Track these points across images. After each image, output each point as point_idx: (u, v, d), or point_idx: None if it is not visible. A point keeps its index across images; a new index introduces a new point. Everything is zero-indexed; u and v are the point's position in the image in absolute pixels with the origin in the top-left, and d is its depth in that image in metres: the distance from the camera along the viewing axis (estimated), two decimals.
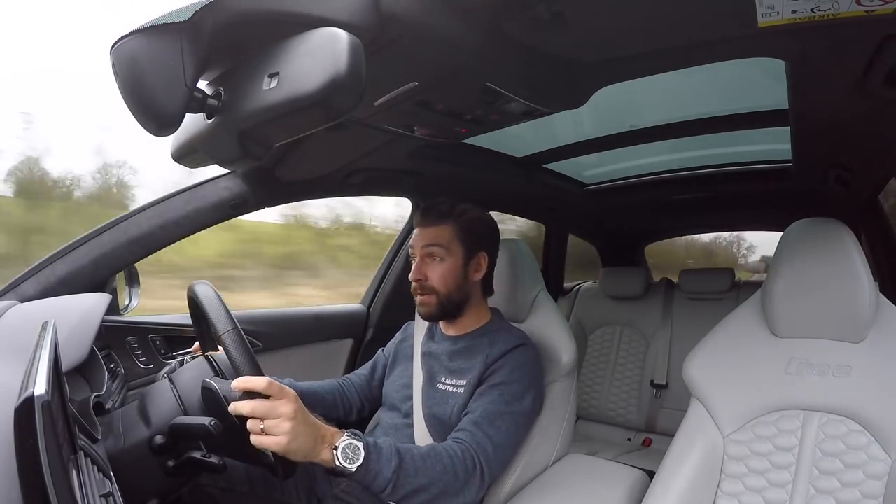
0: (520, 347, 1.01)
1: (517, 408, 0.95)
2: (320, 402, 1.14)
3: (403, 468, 0.78)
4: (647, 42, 0.74)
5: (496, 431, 0.91)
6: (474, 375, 0.99)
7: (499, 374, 0.97)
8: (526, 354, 1.01)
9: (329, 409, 1.15)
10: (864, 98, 0.83)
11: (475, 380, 0.99)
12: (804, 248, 0.88)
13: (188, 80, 0.52)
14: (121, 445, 0.74)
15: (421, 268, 1.04)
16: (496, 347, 1.01)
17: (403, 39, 0.65)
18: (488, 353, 1.00)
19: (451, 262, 1.03)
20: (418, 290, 1.05)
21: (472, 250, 1.06)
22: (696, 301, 2.19)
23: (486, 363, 0.99)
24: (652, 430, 2.11)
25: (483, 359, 1.00)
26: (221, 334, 0.75)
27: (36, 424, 0.40)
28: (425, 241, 1.05)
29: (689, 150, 1.55)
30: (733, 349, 0.94)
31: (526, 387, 0.97)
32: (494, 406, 0.93)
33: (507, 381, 0.96)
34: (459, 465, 0.85)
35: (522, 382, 0.97)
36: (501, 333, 1.05)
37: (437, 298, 1.03)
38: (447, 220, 1.05)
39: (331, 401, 1.16)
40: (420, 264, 1.05)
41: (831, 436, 0.82)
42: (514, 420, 0.94)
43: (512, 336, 1.04)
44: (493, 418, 0.91)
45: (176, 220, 1.06)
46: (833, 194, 1.47)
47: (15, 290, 0.94)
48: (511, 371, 0.97)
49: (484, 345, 1.02)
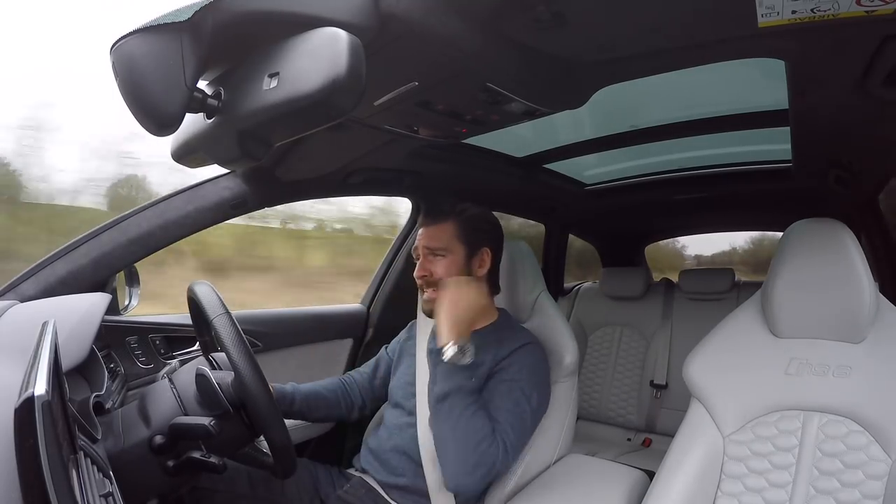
0: (528, 346, 1.02)
1: (527, 410, 0.97)
2: (323, 401, 1.14)
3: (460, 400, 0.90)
4: (647, 42, 0.74)
5: (511, 430, 0.93)
6: (484, 370, 1.00)
7: (508, 371, 0.98)
8: (534, 354, 1.02)
9: (332, 407, 1.16)
10: (864, 98, 0.83)
11: (484, 374, 1.00)
12: (804, 248, 0.88)
13: (188, 80, 0.52)
14: (121, 445, 0.74)
15: (424, 264, 1.06)
16: (504, 345, 1.01)
17: (403, 39, 0.65)
18: (497, 350, 1.01)
19: (452, 258, 1.05)
20: (424, 285, 1.06)
21: (475, 246, 1.07)
22: (696, 301, 2.18)
23: (495, 359, 1.00)
24: (652, 431, 2.10)
25: (492, 356, 1.01)
26: (212, 318, 0.76)
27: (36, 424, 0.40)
28: (427, 241, 1.06)
29: (689, 150, 1.55)
30: (733, 349, 0.94)
31: (534, 385, 0.99)
32: (507, 405, 0.95)
33: (515, 379, 0.98)
34: (487, 446, 0.88)
35: (531, 381, 0.99)
36: (509, 332, 1.06)
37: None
38: (448, 219, 1.06)
39: (333, 399, 1.16)
40: (424, 262, 1.06)
41: (831, 436, 0.82)
42: (523, 421, 0.97)
43: (520, 335, 1.05)
44: (508, 418, 0.94)
45: (176, 220, 1.06)
46: (833, 194, 1.47)
47: (15, 289, 0.94)
48: (520, 369, 0.98)
49: (492, 343, 1.03)
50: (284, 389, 1.09)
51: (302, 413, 1.11)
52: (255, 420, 0.78)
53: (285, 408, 1.07)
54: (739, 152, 1.57)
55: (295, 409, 1.09)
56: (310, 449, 1.43)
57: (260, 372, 0.77)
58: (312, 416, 1.14)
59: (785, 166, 1.45)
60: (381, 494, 1.03)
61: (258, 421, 0.78)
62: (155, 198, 1.08)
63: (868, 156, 1.19)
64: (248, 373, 0.76)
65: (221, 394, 0.77)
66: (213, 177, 1.12)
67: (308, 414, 1.12)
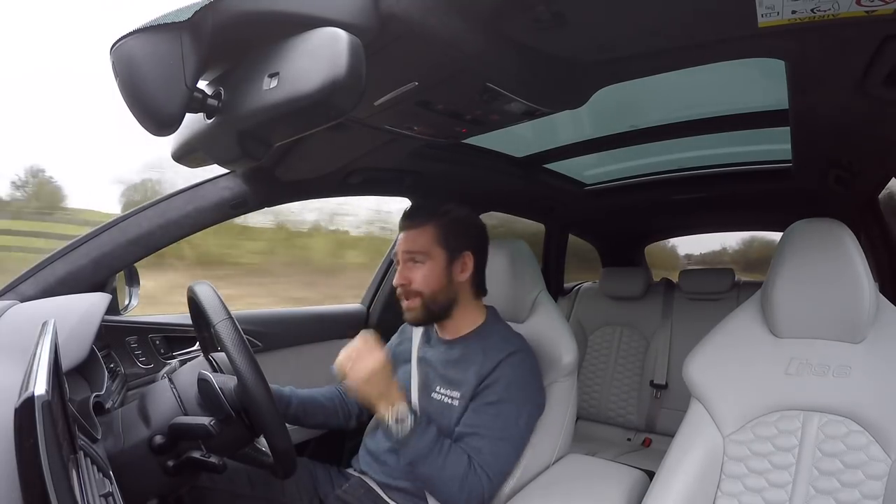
0: (514, 356, 0.99)
1: (514, 432, 0.96)
2: (320, 408, 1.14)
3: (428, 457, 0.90)
4: (647, 42, 0.74)
5: (496, 458, 0.94)
6: (468, 389, 0.98)
7: (493, 389, 0.96)
8: (521, 365, 1.00)
9: (329, 415, 1.15)
10: (864, 98, 0.83)
11: (469, 393, 0.98)
12: (804, 248, 0.88)
13: (188, 80, 0.52)
14: (121, 445, 0.74)
15: (403, 272, 1.03)
16: (489, 357, 0.99)
17: (403, 39, 0.65)
18: (481, 363, 0.99)
19: (432, 265, 1.02)
20: (403, 294, 1.04)
21: (455, 251, 1.03)
22: (695, 301, 2.19)
23: (479, 376, 0.98)
24: (652, 430, 2.11)
25: (476, 370, 0.98)
26: (215, 324, 0.76)
27: (36, 424, 0.40)
28: (406, 247, 1.03)
29: (690, 150, 1.55)
30: (733, 349, 0.94)
31: (523, 401, 0.98)
32: (493, 433, 0.94)
33: (503, 400, 0.96)
34: (468, 485, 0.90)
35: (519, 398, 0.97)
36: (495, 339, 1.03)
37: (421, 301, 1.02)
38: (427, 223, 1.03)
39: (331, 408, 1.16)
40: (403, 269, 1.03)
41: (831, 436, 0.82)
42: (512, 445, 0.97)
43: (506, 342, 1.02)
44: (493, 448, 0.94)
45: (176, 220, 1.06)
46: (833, 194, 1.46)
47: (15, 290, 0.94)
48: (506, 386, 0.96)
49: (477, 353, 1.01)
50: (282, 392, 1.08)
51: (297, 417, 1.10)
52: (258, 425, 0.79)
53: (280, 410, 1.07)
54: (739, 152, 1.57)
55: (290, 413, 1.09)
56: (309, 449, 1.43)
57: (263, 378, 0.78)
58: (308, 422, 1.13)
59: (785, 166, 1.45)
60: (380, 495, 1.03)
61: (261, 426, 0.78)
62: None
63: (868, 156, 1.19)
64: (252, 380, 0.76)
65: (224, 399, 0.77)
66: (213, 177, 1.12)
67: (303, 419, 1.11)
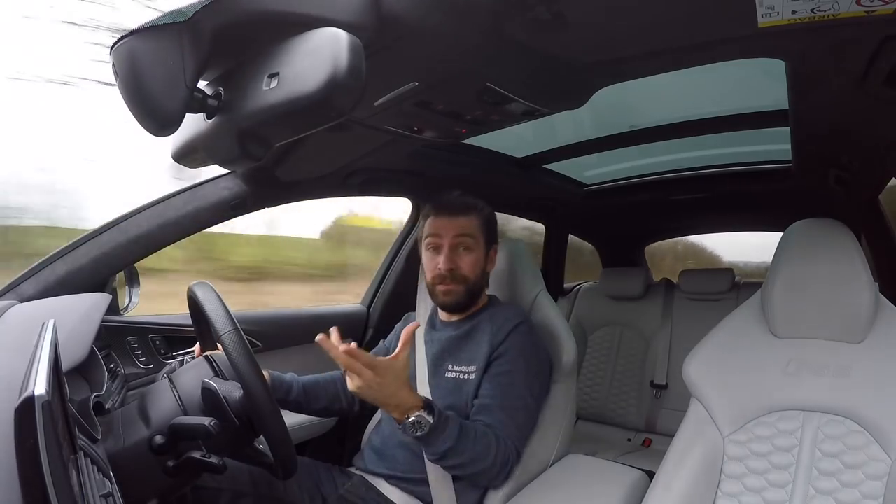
0: (523, 325, 1.04)
1: (529, 401, 1.00)
2: (323, 391, 1.15)
3: (455, 448, 0.89)
4: (647, 42, 0.74)
5: (517, 428, 0.97)
6: (482, 358, 1.01)
7: (506, 358, 1.00)
8: (530, 334, 1.04)
9: (332, 400, 1.16)
10: (864, 98, 0.83)
11: (483, 363, 1.01)
12: (804, 248, 0.88)
13: (188, 80, 0.52)
14: (121, 445, 0.74)
15: (451, 257, 1.05)
16: (500, 327, 1.03)
17: (403, 39, 0.65)
18: (494, 333, 1.02)
19: (478, 253, 1.07)
20: (448, 279, 1.05)
21: (489, 243, 1.10)
22: (695, 301, 2.18)
23: (491, 344, 1.01)
24: (652, 431, 2.10)
25: (488, 339, 1.02)
26: (221, 335, 0.76)
27: (36, 424, 0.40)
28: (456, 231, 1.05)
29: (689, 151, 1.55)
30: (733, 349, 0.94)
31: (534, 373, 1.01)
32: (510, 401, 0.97)
33: (515, 369, 0.99)
34: (501, 456, 0.92)
35: (529, 369, 1.01)
36: (503, 311, 1.08)
37: (465, 287, 1.05)
38: (474, 212, 1.08)
39: (333, 392, 1.16)
40: (450, 254, 1.05)
41: (831, 436, 0.82)
42: (528, 414, 1.00)
43: (514, 314, 1.06)
44: (513, 417, 0.97)
45: (176, 220, 1.06)
46: (833, 194, 1.46)
47: (15, 290, 0.94)
48: (517, 356, 1.00)
49: (485, 322, 1.05)
50: (283, 378, 1.09)
51: (298, 404, 1.11)
52: (261, 433, 0.79)
53: (281, 396, 1.07)
54: (739, 152, 1.57)
55: (291, 399, 1.09)
56: (310, 448, 1.43)
57: (269, 391, 0.77)
58: (311, 408, 1.13)
59: (785, 166, 1.46)
60: (382, 493, 1.03)
61: (265, 436, 0.78)
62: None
63: (868, 156, 1.19)
64: (258, 391, 0.76)
65: (229, 409, 0.77)
66: (213, 177, 1.12)
67: (305, 405, 1.12)
